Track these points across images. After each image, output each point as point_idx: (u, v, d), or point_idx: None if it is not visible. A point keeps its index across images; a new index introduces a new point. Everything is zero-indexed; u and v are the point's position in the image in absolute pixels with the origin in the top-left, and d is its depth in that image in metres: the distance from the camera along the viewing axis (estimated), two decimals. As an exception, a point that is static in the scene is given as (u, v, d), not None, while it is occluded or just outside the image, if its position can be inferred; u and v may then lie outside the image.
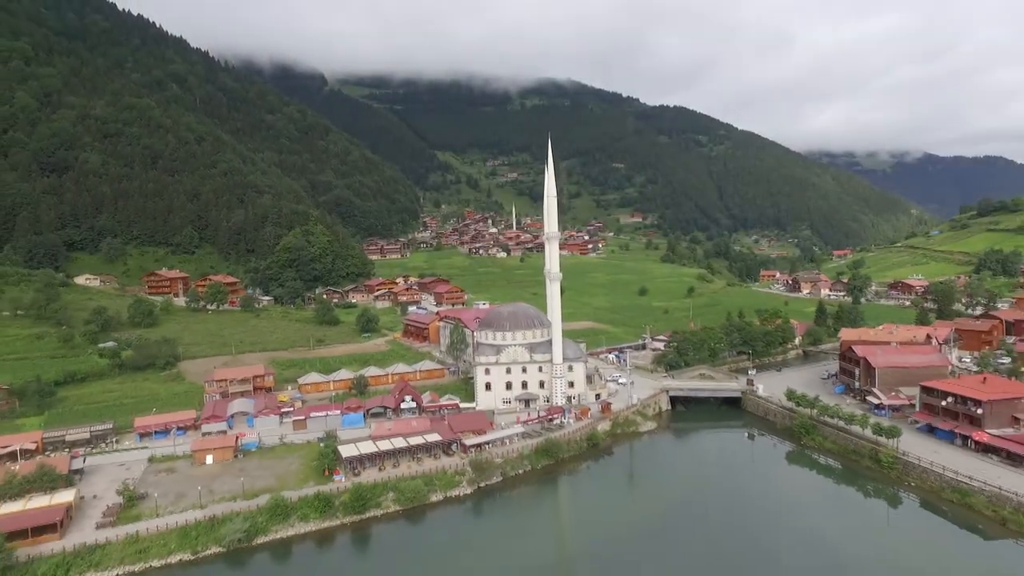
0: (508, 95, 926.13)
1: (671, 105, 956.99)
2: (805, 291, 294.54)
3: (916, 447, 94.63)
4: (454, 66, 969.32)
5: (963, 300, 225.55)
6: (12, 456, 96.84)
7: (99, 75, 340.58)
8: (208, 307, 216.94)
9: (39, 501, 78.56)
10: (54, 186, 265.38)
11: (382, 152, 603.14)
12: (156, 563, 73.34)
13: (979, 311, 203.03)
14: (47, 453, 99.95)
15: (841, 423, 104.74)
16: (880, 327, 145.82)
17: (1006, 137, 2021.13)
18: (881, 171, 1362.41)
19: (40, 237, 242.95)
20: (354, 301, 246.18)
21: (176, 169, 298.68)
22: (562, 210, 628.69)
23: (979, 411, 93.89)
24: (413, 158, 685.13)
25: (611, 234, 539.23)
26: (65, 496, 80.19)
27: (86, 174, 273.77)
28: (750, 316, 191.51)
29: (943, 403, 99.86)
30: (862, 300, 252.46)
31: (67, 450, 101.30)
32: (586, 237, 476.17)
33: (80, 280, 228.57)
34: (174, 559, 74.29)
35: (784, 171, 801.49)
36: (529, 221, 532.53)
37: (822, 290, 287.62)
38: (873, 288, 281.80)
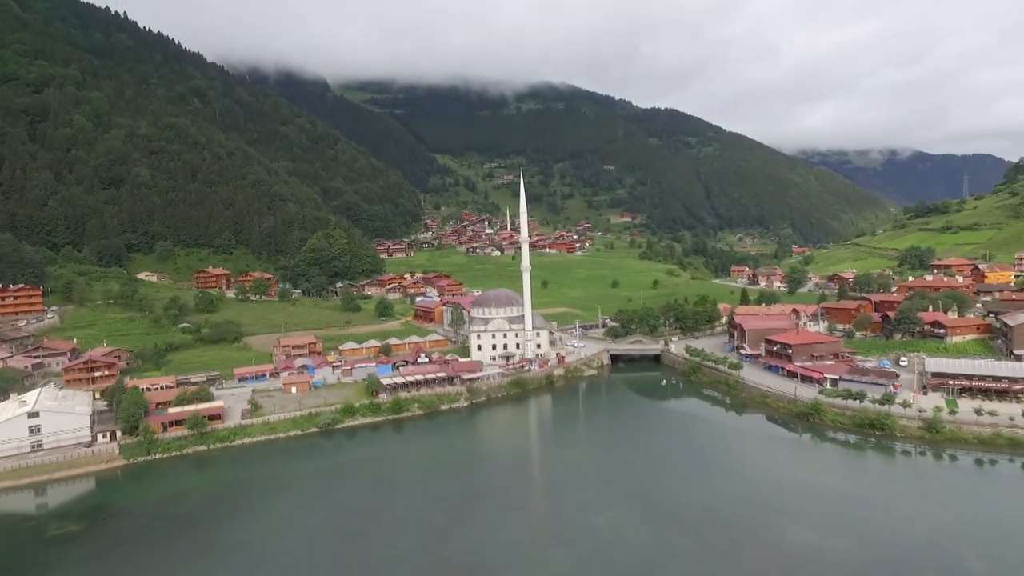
0: (505, 99, 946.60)
1: (662, 108, 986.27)
2: (762, 283, 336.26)
3: (753, 376, 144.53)
4: (452, 71, 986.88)
5: (877, 287, 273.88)
6: (159, 388, 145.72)
7: (140, 97, 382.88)
8: (252, 298, 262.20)
9: (202, 406, 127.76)
10: (113, 197, 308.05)
11: (384, 156, 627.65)
12: (281, 435, 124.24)
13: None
14: (180, 387, 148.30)
15: (712, 364, 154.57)
16: (763, 305, 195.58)
17: (993, 135, 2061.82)
18: (872, 169, 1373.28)
19: (106, 241, 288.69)
20: (369, 293, 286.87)
21: (213, 181, 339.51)
22: (555, 211, 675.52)
23: (790, 352, 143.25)
24: (414, 161, 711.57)
25: (599, 233, 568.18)
26: (218, 403, 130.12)
27: (139, 187, 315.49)
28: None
29: (775, 348, 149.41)
30: (802, 290, 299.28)
31: (194, 387, 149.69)
32: (575, 236, 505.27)
33: (141, 276, 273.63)
34: (291, 433, 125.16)
35: (769, 171, 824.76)
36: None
37: (774, 283, 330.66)
38: (814, 280, 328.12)
